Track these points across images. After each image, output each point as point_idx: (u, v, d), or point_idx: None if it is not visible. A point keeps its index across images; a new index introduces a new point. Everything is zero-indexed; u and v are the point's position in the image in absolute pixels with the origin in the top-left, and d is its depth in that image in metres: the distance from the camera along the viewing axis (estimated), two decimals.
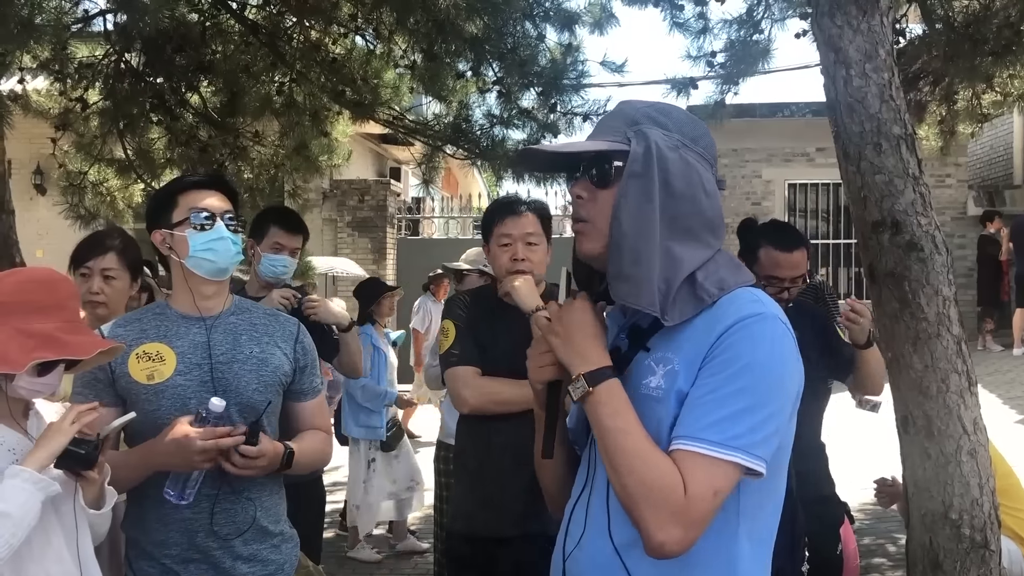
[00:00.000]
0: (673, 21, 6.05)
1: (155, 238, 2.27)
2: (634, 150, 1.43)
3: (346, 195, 12.51)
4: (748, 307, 1.41)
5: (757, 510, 1.43)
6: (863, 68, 2.95)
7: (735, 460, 1.33)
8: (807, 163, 13.91)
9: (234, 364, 2.24)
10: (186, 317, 2.26)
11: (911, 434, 2.93)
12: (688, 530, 1.32)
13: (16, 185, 11.70)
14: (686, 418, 1.37)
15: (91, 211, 6.84)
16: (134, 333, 2.22)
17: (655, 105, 1.51)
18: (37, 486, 1.84)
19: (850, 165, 2.99)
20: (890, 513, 4.76)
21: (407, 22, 5.87)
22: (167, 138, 6.85)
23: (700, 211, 1.46)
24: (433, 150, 6.91)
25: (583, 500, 1.53)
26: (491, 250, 2.88)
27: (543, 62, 6.09)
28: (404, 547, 5.98)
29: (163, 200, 2.29)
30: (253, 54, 6.58)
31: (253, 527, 2.25)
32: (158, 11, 4.55)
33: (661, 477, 1.32)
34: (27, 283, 1.98)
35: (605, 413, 1.39)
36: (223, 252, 2.23)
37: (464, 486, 2.92)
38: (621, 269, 1.42)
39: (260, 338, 2.31)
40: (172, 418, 2.15)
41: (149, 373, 2.18)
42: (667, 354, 1.43)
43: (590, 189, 1.48)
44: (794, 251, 3.07)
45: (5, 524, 1.79)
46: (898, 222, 2.90)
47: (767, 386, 1.36)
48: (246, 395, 2.24)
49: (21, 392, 1.95)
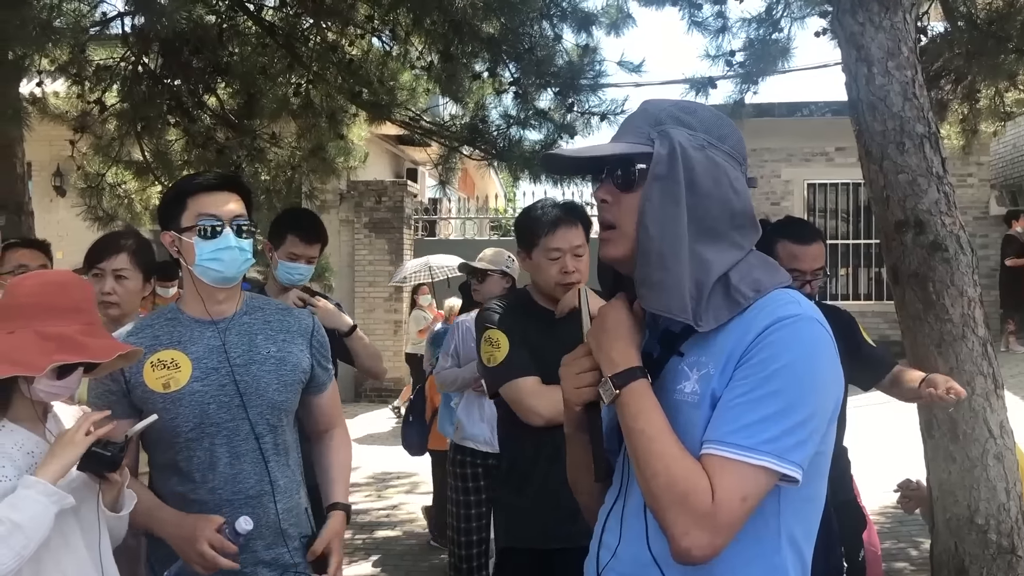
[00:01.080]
0: (691, 20, 6.01)
1: (165, 239, 2.22)
2: (657, 152, 1.39)
3: (363, 196, 12.52)
4: (784, 308, 1.37)
5: (799, 517, 1.40)
6: (885, 66, 2.91)
7: (765, 465, 1.29)
8: (826, 163, 13.81)
9: (252, 366, 2.20)
10: (199, 321, 2.22)
11: (935, 437, 2.89)
12: (715, 536, 1.28)
13: (37, 187, 11.85)
14: (716, 422, 1.33)
15: (109, 213, 6.88)
16: (147, 341, 2.18)
17: (680, 104, 1.48)
18: (51, 499, 1.83)
19: (872, 164, 2.95)
20: (912, 516, 4.70)
21: (424, 23, 5.86)
22: (184, 140, 6.87)
23: (729, 211, 1.43)
24: (450, 151, 6.90)
25: (617, 508, 1.50)
26: (535, 260, 2.78)
27: (560, 62, 6.07)
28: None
29: (172, 201, 2.21)
30: (270, 56, 6.59)
31: (274, 531, 2.23)
32: (175, 13, 4.56)
33: (686, 481, 1.29)
34: (46, 286, 1.98)
35: (631, 415, 1.35)
36: (230, 261, 2.17)
37: (529, 499, 2.75)
38: (648, 275, 1.38)
39: (276, 336, 2.27)
40: (190, 425, 2.13)
41: (165, 382, 2.14)
42: (701, 358, 1.40)
43: (614, 193, 1.44)
44: (811, 243, 3.02)
45: (16, 536, 1.78)
46: (922, 222, 2.86)
47: (802, 390, 1.32)
48: (267, 395, 2.21)
49: (40, 394, 1.95)
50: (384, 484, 7.81)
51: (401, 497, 7.40)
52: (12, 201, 5.27)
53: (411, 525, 6.58)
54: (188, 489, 2.17)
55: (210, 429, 2.16)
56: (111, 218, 6.95)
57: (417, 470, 8.02)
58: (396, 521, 6.72)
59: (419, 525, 6.54)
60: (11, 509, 1.79)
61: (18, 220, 5.25)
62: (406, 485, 7.78)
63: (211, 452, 2.16)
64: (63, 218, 9.42)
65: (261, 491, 2.20)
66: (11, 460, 1.90)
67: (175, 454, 2.17)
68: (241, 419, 2.18)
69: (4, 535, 1.77)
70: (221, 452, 2.17)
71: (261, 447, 2.21)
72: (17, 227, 5.22)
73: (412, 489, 7.64)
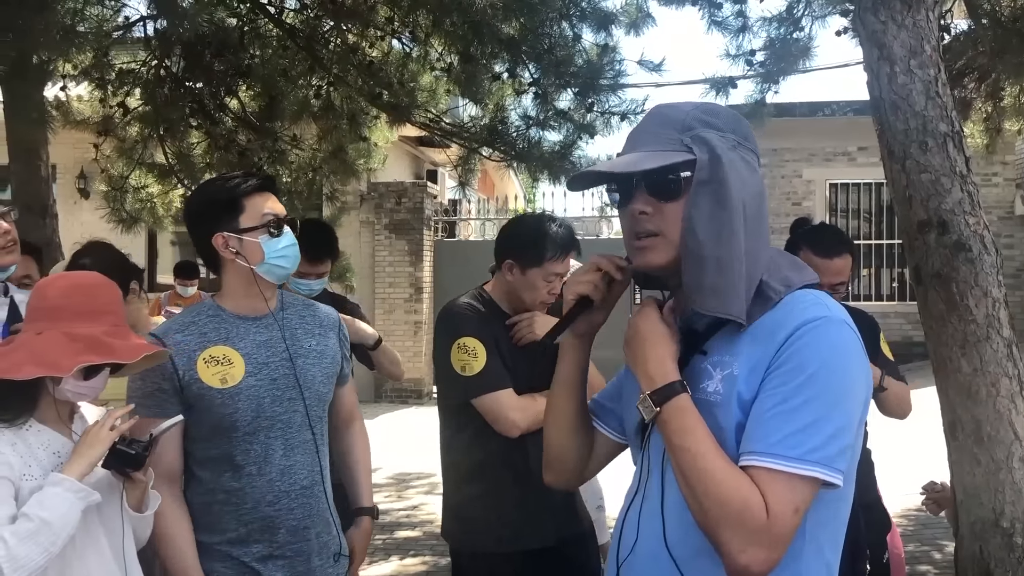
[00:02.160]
0: (711, 19, 5.99)
1: (216, 241, 2.17)
2: (700, 158, 1.38)
3: (383, 198, 12.56)
4: (812, 310, 1.36)
5: (829, 521, 1.39)
6: (908, 64, 2.88)
7: (814, 474, 1.28)
8: (848, 162, 13.72)
9: (299, 359, 2.24)
10: (243, 318, 2.23)
11: (960, 439, 2.86)
12: (772, 551, 1.28)
13: (61, 189, 11.97)
14: (757, 432, 1.32)
15: (132, 215, 6.94)
16: (195, 338, 2.17)
17: (701, 106, 1.47)
18: (78, 495, 1.86)
19: (895, 164, 2.93)
20: (936, 519, 4.66)
21: (443, 24, 5.88)
22: (206, 142, 6.93)
23: (762, 209, 1.44)
24: (469, 152, 6.90)
25: (635, 507, 1.50)
26: (529, 278, 2.72)
27: (580, 62, 6.06)
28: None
29: (225, 203, 2.18)
30: (291, 58, 6.63)
31: (324, 519, 2.29)
32: (196, 16, 4.60)
33: (741, 498, 1.27)
34: (73, 288, 2.00)
35: (674, 431, 1.34)
36: (293, 258, 2.23)
37: (494, 501, 2.72)
38: (704, 280, 1.37)
39: (313, 330, 2.32)
40: (248, 419, 2.15)
41: (222, 377, 2.14)
42: (724, 357, 1.39)
43: (654, 203, 1.41)
44: (835, 258, 2.97)
45: (45, 533, 1.80)
46: (945, 222, 2.83)
47: (838, 395, 1.31)
48: (315, 387, 2.27)
49: (67, 395, 1.97)
50: (404, 485, 7.83)
51: (421, 498, 7.42)
52: (37, 203, 5.33)
53: (431, 526, 6.58)
54: (244, 483, 2.18)
55: (265, 423, 2.19)
56: (134, 220, 7.02)
57: (436, 470, 8.04)
58: (416, 522, 6.74)
59: (439, 525, 6.55)
60: (39, 507, 1.81)
61: (43, 222, 5.31)
62: (426, 486, 7.79)
63: (267, 445, 2.19)
64: (87, 220, 9.52)
65: (313, 481, 2.25)
66: (37, 460, 1.92)
67: (231, 448, 2.18)
68: (294, 411, 2.22)
69: (33, 532, 1.79)
70: (276, 445, 2.20)
71: (314, 438, 2.26)
72: (42, 229, 5.28)
73: (432, 490, 7.65)
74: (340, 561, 2.34)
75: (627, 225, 1.46)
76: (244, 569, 2.18)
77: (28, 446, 1.92)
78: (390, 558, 5.85)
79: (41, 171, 5.41)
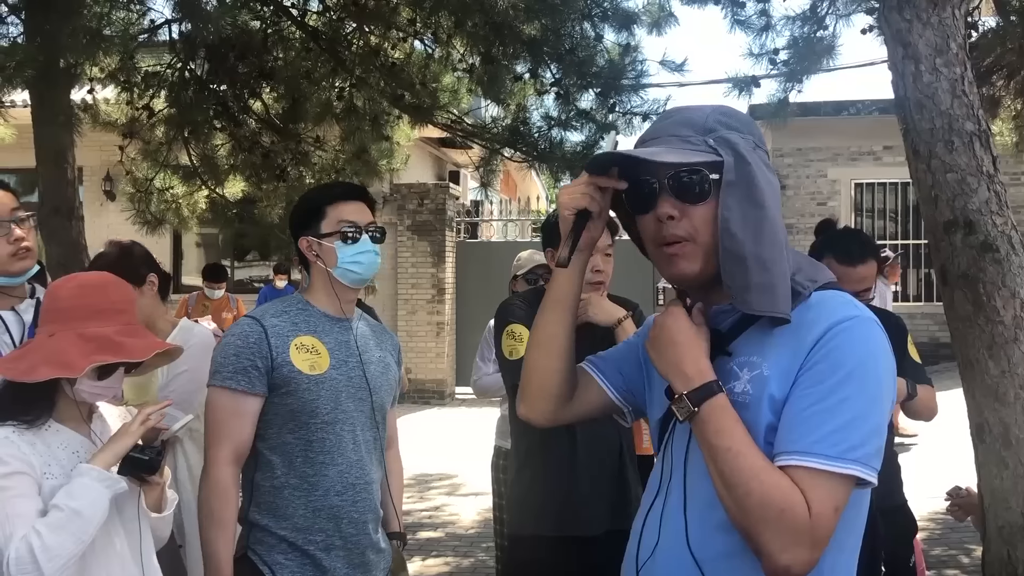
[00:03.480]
0: (734, 19, 5.95)
1: (302, 244, 2.37)
2: (727, 160, 1.38)
3: (406, 199, 12.60)
4: (842, 310, 1.36)
5: (852, 519, 1.38)
6: (933, 63, 2.85)
7: (853, 473, 1.28)
8: (874, 162, 13.58)
9: (371, 365, 2.40)
10: (328, 316, 2.38)
11: (987, 442, 2.82)
12: (813, 551, 1.27)
13: (88, 192, 12.09)
14: (794, 431, 1.31)
15: (157, 216, 6.99)
16: (287, 325, 2.31)
17: (719, 108, 1.46)
18: (105, 483, 1.88)
19: (920, 163, 2.89)
20: (963, 523, 4.60)
21: (465, 25, 5.88)
22: (231, 144, 6.98)
23: (780, 209, 1.44)
24: (491, 153, 6.90)
25: (656, 507, 1.49)
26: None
27: (601, 62, 6.05)
28: None
29: (311, 209, 2.38)
30: (314, 60, 6.67)
31: (377, 516, 2.39)
32: (220, 19, 4.63)
33: (784, 497, 1.26)
34: (85, 288, 2.02)
35: (713, 432, 1.33)
36: (368, 264, 2.35)
37: (539, 485, 2.80)
38: (749, 280, 1.36)
39: (381, 344, 2.50)
40: (328, 408, 2.27)
41: (311, 363, 2.28)
42: (752, 358, 1.39)
43: (680, 206, 1.40)
44: (858, 265, 2.94)
45: (76, 522, 1.83)
46: (971, 222, 2.80)
47: (872, 394, 1.31)
48: (380, 395, 2.41)
49: (84, 395, 1.99)
50: (426, 486, 7.84)
51: (443, 499, 7.43)
52: (64, 205, 5.38)
53: (453, 527, 6.60)
54: (317, 470, 2.27)
55: (341, 416, 2.30)
56: (159, 222, 7.08)
57: (458, 471, 8.05)
58: (438, 523, 6.75)
59: (461, 527, 6.56)
60: (68, 497, 1.84)
61: (69, 224, 5.36)
62: (447, 487, 7.80)
63: (340, 437, 2.30)
64: (112, 222, 9.61)
65: (373, 478, 2.37)
66: (57, 460, 1.94)
67: (309, 434, 2.27)
68: (362, 411, 2.35)
69: (64, 521, 1.82)
70: (348, 439, 2.31)
71: (377, 438, 2.40)
72: (68, 231, 5.33)
73: (453, 491, 7.67)
74: (387, 556, 2.45)
75: (651, 232, 1.44)
76: (306, 559, 2.26)
77: (48, 446, 1.94)
78: (412, 559, 5.86)
79: (68, 174, 5.46)
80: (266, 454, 2.29)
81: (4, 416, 1.92)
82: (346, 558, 2.30)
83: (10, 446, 1.88)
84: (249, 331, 2.26)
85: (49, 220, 5.35)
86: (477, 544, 6.11)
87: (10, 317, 2.38)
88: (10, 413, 1.92)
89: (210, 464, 2.26)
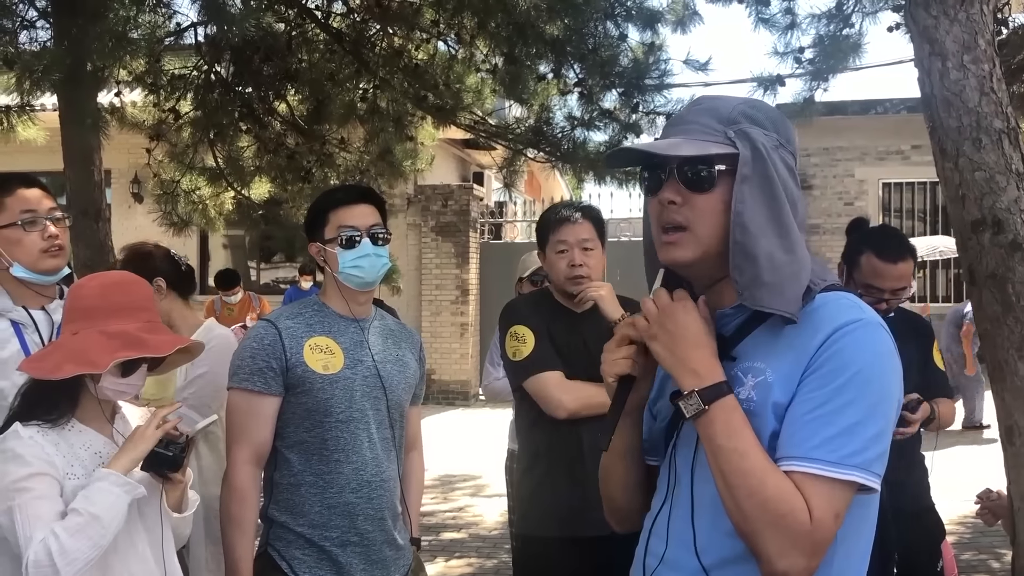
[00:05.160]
0: (759, 17, 5.90)
1: (312, 250, 2.45)
2: (743, 153, 1.35)
3: (430, 200, 12.63)
4: (847, 313, 1.33)
5: (860, 525, 1.36)
6: (961, 60, 2.80)
7: (854, 479, 1.26)
8: (902, 161, 13.44)
9: (387, 364, 2.44)
10: (343, 317, 2.43)
11: (1016, 445, 2.77)
12: (812, 558, 1.25)
13: (116, 194, 12.23)
14: (795, 436, 1.29)
15: (183, 218, 7.05)
16: (302, 326, 2.37)
17: (748, 101, 1.44)
18: (123, 488, 1.89)
19: (947, 162, 2.85)
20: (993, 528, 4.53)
21: (488, 26, 5.88)
22: (256, 146, 7.02)
23: (799, 209, 1.41)
24: (514, 154, 6.90)
25: (664, 514, 1.47)
26: (547, 257, 2.88)
27: (625, 62, 6.02)
28: None
29: (316, 216, 2.44)
30: (338, 62, 6.70)
31: (394, 513, 2.42)
32: (244, 21, 4.66)
33: (786, 501, 1.25)
34: (107, 287, 2.04)
35: (720, 432, 1.31)
36: (369, 268, 2.38)
37: (546, 487, 2.81)
38: (759, 275, 1.33)
39: (400, 343, 2.53)
40: (342, 407, 2.31)
41: (324, 363, 2.33)
42: (756, 364, 1.36)
43: (684, 193, 1.38)
44: (898, 262, 2.91)
45: (94, 526, 1.84)
46: (1000, 221, 2.75)
47: (875, 399, 1.29)
48: (397, 393, 2.44)
49: (108, 393, 2.00)
50: (450, 486, 7.85)
51: (466, 499, 7.44)
52: (91, 207, 5.43)
53: (476, 528, 6.60)
54: (332, 468, 2.32)
55: (356, 414, 2.34)
56: (185, 224, 7.13)
57: (482, 472, 8.05)
58: (461, 523, 6.75)
59: (484, 528, 6.56)
60: (87, 502, 1.85)
61: (96, 226, 5.41)
62: (471, 488, 7.81)
63: (355, 435, 2.34)
64: (140, 224, 9.68)
65: (390, 476, 2.41)
66: (79, 460, 1.96)
67: (324, 433, 2.32)
68: (378, 409, 2.39)
69: (83, 525, 1.83)
70: (363, 437, 2.35)
71: (394, 436, 2.44)
72: (95, 233, 5.39)
73: (477, 492, 7.67)
74: (406, 554, 2.48)
75: (655, 214, 1.42)
76: (323, 555, 2.31)
77: (71, 446, 1.96)
78: (435, 559, 5.87)
79: (95, 176, 5.51)
80: (284, 452, 2.35)
81: (30, 415, 1.94)
82: (362, 554, 2.33)
83: (34, 446, 1.90)
84: (264, 333, 2.33)
85: (76, 222, 5.41)
86: (500, 545, 6.10)
87: (40, 316, 2.41)
88: (36, 413, 1.94)
89: (229, 466, 2.34)
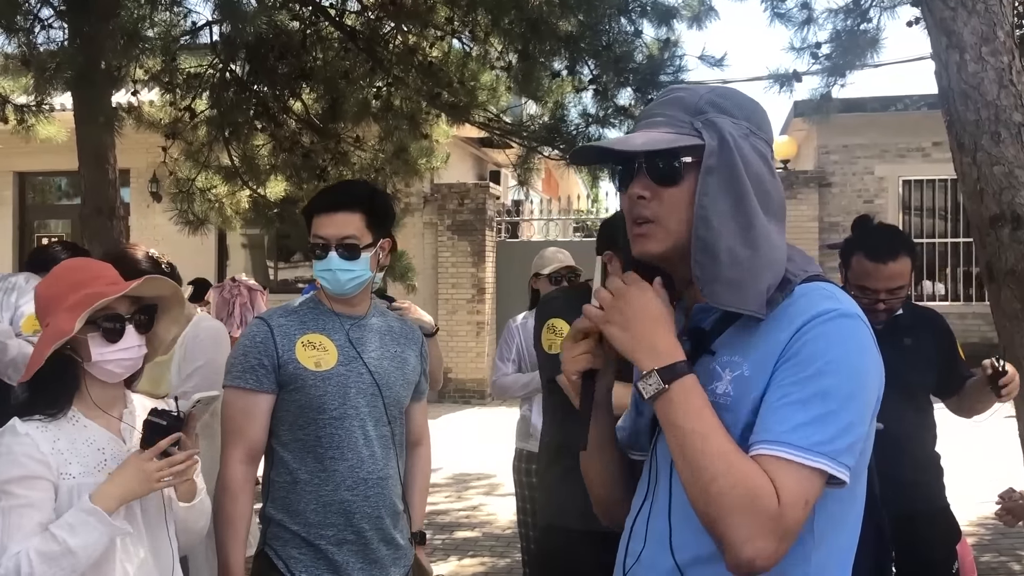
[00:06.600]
0: (774, 12, 5.85)
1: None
2: (709, 144, 1.32)
3: (446, 199, 12.63)
4: (823, 303, 1.30)
5: (839, 522, 1.33)
6: (979, 52, 2.76)
7: (821, 467, 1.23)
8: (923, 158, 13.29)
9: (384, 361, 2.41)
10: (338, 314, 2.41)
11: None
12: (780, 543, 1.20)
13: (135, 193, 12.32)
14: (765, 421, 1.26)
15: (200, 216, 7.07)
16: (295, 324, 2.36)
17: (716, 90, 1.40)
18: (107, 528, 1.85)
19: (965, 156, 2.81)
20: (1014, 529, 4.46)
21: (502, 22, 5.86)
22: (271, 144, 7.04)
23: (781, 198, 1.38)
24: (528, 151, 6.88)
25: (644, 512, 1.43)
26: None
27: (639, 58, 5.99)
28: None
29: (306, 219, 2.43)
30: (352, 60, 6.71)
31: (393, 512, 2.39)
32: (257, 18, 4.67)
33: (753, 484, 1.21)
34: (63, 270, 2.05)
35: (682, 413, 1.26)
36: (332, 281, 2.34)
37: (568, 482, 2.73)
38: (719, 272, 1.31)
39: (398, 339, 2.50)
40: (335, 404, 2.30)
41: (316, 360, 2.31)
42: (734, 358, 1.33)
43: (652, 187, 1.35)
44: (888, 262, 2.81)
45: (68, 559, 1.81)
46: (1019, 216, 2.70)
47: (849, 389, 1.26)
48: (395, 390, 2.42)
49: (104, 367, 1.95)
50: (464, 485, 7.84)
51: (481, 498, 7.42)
52: (106, 205, 5.46)
53: (490, 527, 6.58)
54: (327, 466, 2.30)
55: (350, 411, 2.32)
56: (201, 222, 7.16)
57: (496, 471, 8.03)
58: (475, 522, 6.73)
59: (498, 526, 6.54)
60: (69, 531, 1.81)
61: (110, 224, 5.44)
62: (485, 486, 7.79)
63: (350, 432, 2.32)
64: (159, 223, 9.77)
65: (388, 474, 2.38)
66: (78, 456, 1.92)
67: (318, 430, 2.30)
68: (374, 406, 2.36)
69: (57, 555, 1.80)
70: (357, 434, 2.32)
71: (391, 434, 2.41)
72: (109, 231, 5.42)
73: (491, 491, 7.65)
74: (407, 554, 2.45)
75: (626, 209, 1.40)
76: (319, 554, 2.29)
77: (72, 442, 1.93)
78: (448, 558, 5.86)
79: (109, 174, 5.54)
80: (279, 451, 2.35)
81: (31, 410, 1.92)
82: (359, 553, 2.31)
83: (29, 445, 1.86)
84: (256, 331, 2.33)
85: (91, 220, 5.44)
86: (514, 544, 6.07)
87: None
88: (36, 407, 1.93)
89: (223, 464, 2.33)
